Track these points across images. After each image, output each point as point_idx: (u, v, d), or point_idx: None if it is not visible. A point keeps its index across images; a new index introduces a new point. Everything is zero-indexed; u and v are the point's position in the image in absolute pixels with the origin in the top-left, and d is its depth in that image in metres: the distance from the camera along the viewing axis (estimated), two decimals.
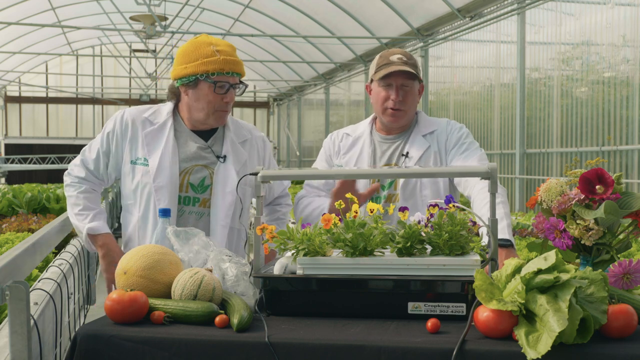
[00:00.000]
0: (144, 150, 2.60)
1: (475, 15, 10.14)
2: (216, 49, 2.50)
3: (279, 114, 24.34)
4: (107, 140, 2.64)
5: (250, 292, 1.93)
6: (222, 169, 2.61)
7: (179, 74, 2.54)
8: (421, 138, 2.71)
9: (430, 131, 2.72)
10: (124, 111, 2.67)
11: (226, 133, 2.67)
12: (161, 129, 2.62)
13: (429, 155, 2.68)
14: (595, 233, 1.82)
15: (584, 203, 1.84)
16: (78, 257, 3.86)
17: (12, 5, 14.60)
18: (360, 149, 2.77)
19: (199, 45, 2.52)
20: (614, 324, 1.60)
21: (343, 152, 2.80)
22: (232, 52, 2.54)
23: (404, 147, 2.72)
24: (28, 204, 7.29)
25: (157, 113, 2.66)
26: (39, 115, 23.66)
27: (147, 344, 1.67)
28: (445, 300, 1.79)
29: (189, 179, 2.58)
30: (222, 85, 2.51)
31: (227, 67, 2.49)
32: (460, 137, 2.70)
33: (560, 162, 8.45)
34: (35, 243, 1.90)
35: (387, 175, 2.52)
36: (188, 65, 2.51)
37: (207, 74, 2.48)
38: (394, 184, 2.67)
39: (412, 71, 2.60)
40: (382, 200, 2.67)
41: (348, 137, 2.82)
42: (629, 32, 7.33)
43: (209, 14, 15.93)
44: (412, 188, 2.65)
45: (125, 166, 2.62)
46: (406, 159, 2.69)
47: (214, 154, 2.63)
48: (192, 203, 2.58)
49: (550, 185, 1.93)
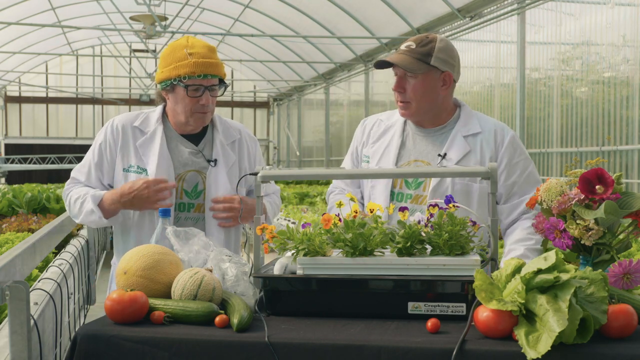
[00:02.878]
0: (137, 159, 2.58)
1: (475, 15, 10.14)
2: (189, 52, 2.48)
3: (279, 114, 24.34)
4: (100, 151, 2.61)
5: (250, 292, 1.93)
6: (213, 173, 2.60)
7: (158, 79, 2.56)
8: (462, 139, 2.44)
9: (474, 133, 2.46)
10: (113, 120, 2.67)
11: (215, 135, 2.66)
12: (153, 137, 2.60)
13: (469, 161, 2.41)
14: (595, 233, 1.82)
15: (584, 203, 1.84)
16: (78, 257, 3.86)
17: (12, 5, 14.61)
18: (390, 139, 2.54)
19: (174, 49, 2.52)
20: (614, 324, 1.60)
21: (372, 140, 2.58)
22: (207, 53, 2.50)
23: (441, 145, 2.46)
24: (28, 204, 7.29)
25: (147, 121, 2.64)
26: (39, 115, 23.66)
27: (147, 344, 1.67)
28: (445, 300, 1.79)
29: (183, 185, 2.58)
30: (196, 89, 2.49)
31: (199, 70, 2.46)
32: (513, 154, 2.43)
33: (560, 162, 8.45)
34: (35, 243, 1.90)
35: (385, 175, 2.39)
36: (164, 70, 2.51)
37: (180, 78, 2.47)
38: (423, 185, 2.43)
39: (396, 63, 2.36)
40: (409, 199, 2.44)
41: (381, 124, 2.60)
42: (629, 32, 7.33)
43: (209, 14, 15.93)
44: (443, 193, 2.37)
45: (118, 174, 2.60)
46: (443, 160, 2.42)
47: (205, 158, 2.62)
48: (187, 209, 2.58)
49: (550, 185, 1.92)
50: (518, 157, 2.44)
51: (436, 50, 2.38)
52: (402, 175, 2.42)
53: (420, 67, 2.37)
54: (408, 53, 2.38)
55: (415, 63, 2.37)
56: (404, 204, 2.44)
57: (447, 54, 2.40)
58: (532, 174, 2.44)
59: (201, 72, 2.46)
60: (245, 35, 15.06)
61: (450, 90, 2.47)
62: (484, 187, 2.39)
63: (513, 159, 2.42)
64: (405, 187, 2.45)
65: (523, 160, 2.44)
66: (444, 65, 2.39)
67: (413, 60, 2.37)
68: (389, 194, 2.46)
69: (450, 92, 2.48)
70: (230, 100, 24.04)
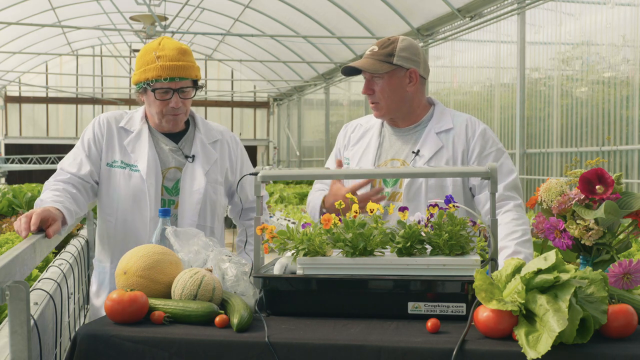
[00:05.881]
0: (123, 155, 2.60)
1: (475, 15, 10.14)
2: (157, 55, 2.48)
3: (279, 114, 24.33)
4: (88, 145, 2.62)
5: (250, 292, 1.93)
6: (189, 169, 2.62)
7: (132, 81, 2.58)
8: (434, 136, 2.52)
9: (446, 129, 2.54)
10: (99, 117, 2.69)
11: (196, 134, 2.69)
12: (139, 135, 2.63)
13: (441, 157, 2.49)
14: (595, 233, 1.82)
15: (584, 203, 1.84)
16: (78, 257, 3.86)
17: (12, 5, 14.60)
18: (368, 141, 2.63)
19: (145, 52, 2.53)
20: (614, 324, 1.60)
21: (352, 143, 2.69)
22: (176, 56, 2.49)
23: (415, 143, 2.54)
24: (28, 204, 7.29)
25: (131, 120, 2.67)
26: (39, 115, 23.65)
27: (147, 344, 1.67)
28: (445, 300, 1.79)
29: (164, 182, 2.60)
30: (164, 92, 2.50)
31: (165, 74, 2.46)
32: (484, 145, 2.51)
33: (560, 162, 8.45)
34: (35, 243, 1.90)
35: (385, 175, 2.43)
36: (136, 72, 2.54)
37: (148, 82, 2.49)
38: (399, 182, 2.51)
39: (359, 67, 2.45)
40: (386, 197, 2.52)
41: (360, 128, 2.71)
42: (629, 32, 7.33)
43: (209, 14, 15.93)
44: (417, 189, 2.48)
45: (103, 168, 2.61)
46: (416, 157, 2.51)
47: (184, 155, 2.64)
48: (167, 205, 2.60)
49: (550, 185, 1.93)
50: (489, 148, 2.51)
51: (398, 49, 2.48)
52: (403, 175, 2.45)
53: (383, 67, 2.47)
54: (371, 56, 2.50)
55: (377, 64, 2.47)
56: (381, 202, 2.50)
57: (410, 52, 2.50)
58: (505, 165, 2.49)
59: (167, 75, 2.47)
60: (245, 35, 15.06)
61: (420, 86, 2.55)
62: (457, 182, 2.48)
63: (484, 151, 2.50)
64: (384, 186, 2.54)
65: (495, 151, 2.51)
66: (408, 63, 2.49)
67: (376, 62, 2.48)
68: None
69: (421, 89, 2.57)
70: (230, 100, 24.04)
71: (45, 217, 2.13)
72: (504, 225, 2.32)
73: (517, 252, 2.23)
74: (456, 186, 2.49)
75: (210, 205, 2.65)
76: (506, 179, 2.44)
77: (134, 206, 2.58)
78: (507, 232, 2.30)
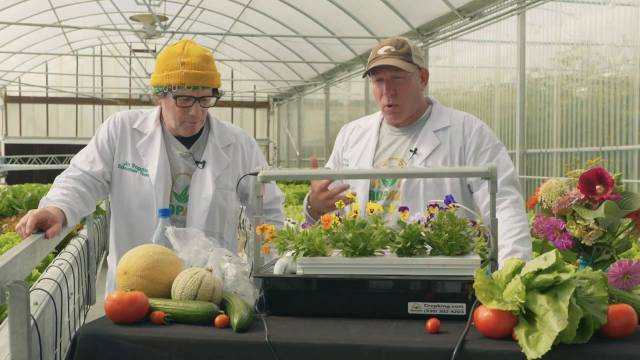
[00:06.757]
0: (134, 158, 2.58)
1: (475, 15, 10.14)
2: (182, 61, 2.44)
3: (279, 114, 24.33)
4: (102, 145, 2.59)
5: (250, 292, 1.93)
6: (199, 175, 2.60)
7: (152, 83, 2.54)
8: (432, 134, 2.53)
9: (443, 127, 2.54)
10: (114, 116, 2.66)
11: (209, 138, 2.65)
12: (152, 138, 2.60)
13: (439, 155, 2.50)
14: (595, 233, 1.82)
15: (584, 203, 1.84)
16: (78, 257, 3.86)
17: (12, 5, 14.60)
18: (366, 142, 2.64)
19: (169, 55, 2.49)
20: (614, 324, 1.60)
21: (351, 144, 2.69)
22: (200, 63, 2.46)
23: (413, 142, 2.55)
24: (28, 204, 7.29)
25: (146, 122, 2.64)
26: (39, 115, 23.65)
27: (147, 344, 1.67)
28: (445, 300, 1.79)
29: (173, 188, 2.59)
30: (186, 99, 2.47)
31: (189, 82, 2.43)
32: (480, 142, 2.51)
33: (560, 162, 8.45)
34: (35, 243, 1.90)
35: (384, 175, 2.43)
36: (157, 76, 2.50)
37: (170, 87, 2.45)
38: (398, 181, 2.51)
39: (393, 65, 2.43)
40: (385, 196, 2.53)
41: (358, 129, 2.71)
42: (629, 32, 7.33)
43: (209, 14, 15.93)
44: (415, 187, 2.48)
45: (115, 169, 2.60)
46: (414, 156, 2.52)
47: (195, 161, 2.62)
48: (176, 212, 2.58)
49: (550, 185, 1.93)
50: (486, 145, 2.51)
51: (412, 49, 2.50)
52: (402, 175, 2.45)
53: (411, 67, 2.47)
54: (394, 56, 2.46)
55: (406, 64, 2.46)
56: (380, 201, 2.53)
57: (419, 52, 2.53)
58: (501, 160, 2.50)
59: (191, 84, 2.44)
60: (245, 35, 15.05)
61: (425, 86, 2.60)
62: (455, 179, 2.49)
63: (480, 147, 2.51)
64: (383, 185, 2.54)
65: (492, 147, 2.52)
66: (421, 63, 2.52)
67: (403, 61, 2.46)
68: (367, 193, 2.55)
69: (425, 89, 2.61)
70: (230, 100, 24.03)
71: (43, 219, 2.13)
72: (501, 224, 2.32)
73: (515, 251, 2.23)
74: (454, 184, 2.50)
75: (220, 211, 2.62)
76: (503, 174, 2.44)
77: (142, 211, 2.56)
78: (505, 230, 2.30)
